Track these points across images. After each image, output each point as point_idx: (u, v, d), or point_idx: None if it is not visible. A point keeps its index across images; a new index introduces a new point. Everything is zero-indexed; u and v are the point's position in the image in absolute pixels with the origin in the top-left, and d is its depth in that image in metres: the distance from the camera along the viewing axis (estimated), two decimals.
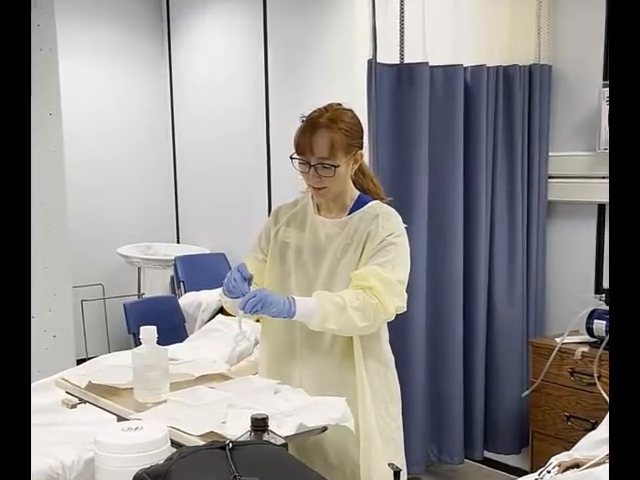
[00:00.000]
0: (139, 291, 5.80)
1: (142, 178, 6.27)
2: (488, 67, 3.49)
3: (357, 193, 2.26)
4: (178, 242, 6.43)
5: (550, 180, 3.75)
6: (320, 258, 2.23)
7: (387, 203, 2.28)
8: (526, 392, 3.50)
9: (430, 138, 3.36)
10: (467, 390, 3.63)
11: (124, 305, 4.26)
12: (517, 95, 3.57)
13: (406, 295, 2.17)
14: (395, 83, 3.29)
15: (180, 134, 6.29)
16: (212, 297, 5.12)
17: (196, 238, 6.19)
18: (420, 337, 3.43)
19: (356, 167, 2.20)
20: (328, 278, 2.20)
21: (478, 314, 3.60)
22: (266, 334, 2.36)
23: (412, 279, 3.29)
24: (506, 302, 3.67)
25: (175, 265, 5.51)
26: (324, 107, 2.18)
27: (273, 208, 2.39)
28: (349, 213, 2.23)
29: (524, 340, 3.71)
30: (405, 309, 2.18)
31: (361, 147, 2.21)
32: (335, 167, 2.11)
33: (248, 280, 2.07)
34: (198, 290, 5.28)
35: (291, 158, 2.16)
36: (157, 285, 5.71)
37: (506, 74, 3.57)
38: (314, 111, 2.18)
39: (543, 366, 3.36)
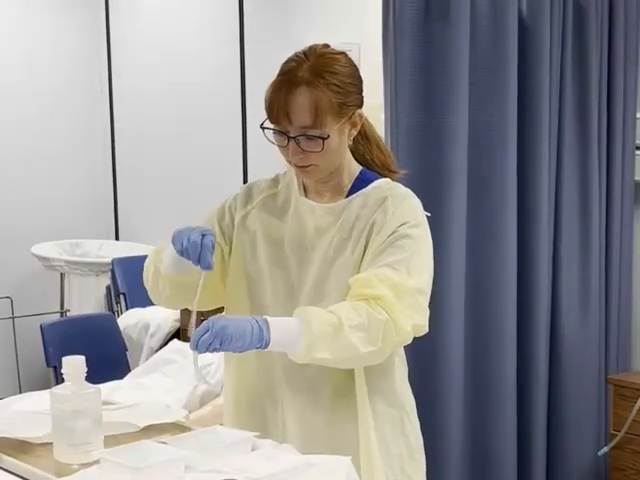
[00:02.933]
0: (62, 307, 5.79)
1: (66, 148, 6.26)
2: None
3: (358, 168, 2.25)
4: (117, 239, 6.42)
5: (638, 152, 3.76)
6: (306, 257, 2.22)
7: (400, 180, 2.27)
8: (604, 449, 3.50)
9: (471, 93, 3.36)
10: (522, 445, 3.63)
11: (41, 327, 4.25)
12: (592, 33, 3.57)
13: (428, 310, 2.17)
14: (422, 16, 3.28)
15: (119, 89, 6.28)
16: (164, 316, 5.12)
17: (142, 233, 6.19)
18: (456, 372, 3.43)
19: (355, 133, 2.20)
20: (316, 286, 2.19)
21: (537, 341, 3.60)
22: (230, 369, 2.35)
23: (445, 292, 3.35)
24: (577, 324, 3.67)
25: (113, 271, 5.51)
26: (303, 52, 2.15)
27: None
28: (347, 196, 2.22)
29: (601, 377, 3.71)
30: (427, 329, 2.17)
31: (360, 105, 2.19)
32: (323, 139, 2.10)
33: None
34: (144, 306, 5.26)
35: (262, 128, 2.15)
36: (87, 299, 5.70)
37: (577, 3, 3.56)
38: (290, 59, 2.16)
39: (628, 413, 3.36)
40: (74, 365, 2.16)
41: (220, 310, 2.38)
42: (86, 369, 2.16)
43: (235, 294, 2.28)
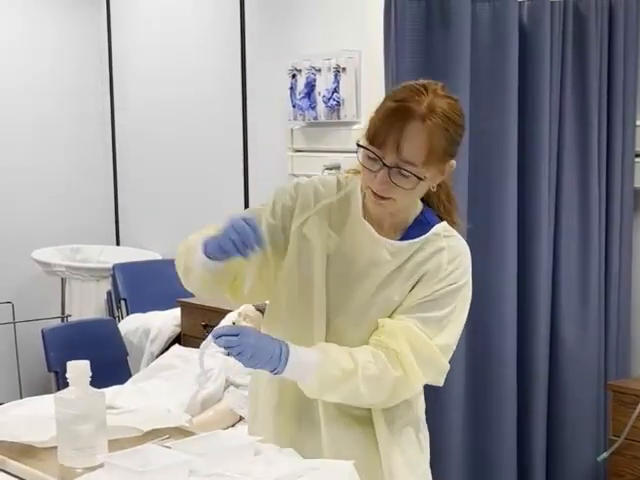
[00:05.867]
0: (63, 312, 5.78)
1: (67, 153, 6.26)
2: (552, 1, 3.51)
3: (420, 207, 2.21)
4: (118, 244, 6.41)
5: (638, 160, 3.76)
6: (356, 279, 2.18)
7: (458, 229, 2.26)
8: (604, 455, 3.50)
9: (472, 100, 3.37)
10: (522, 450, 3.64)
11: (42, 332, 4.26)
12: (592, 40, 3.58)
13: (448, 367, 2.19)
14: (423, 23, 3.30)
15: (121, 96, 6.28)
16: (165, 321, 5.12)
17: (143, 239, 6.19)
18: (456, 376, 3.42)
19: (439, 181, 2.14)
20: (362, 309, 2.17)
21: (537, 346, 3.61)
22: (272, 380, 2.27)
23: None
24: (576, 330, 3.67)
25: (113, 276, 5.50)
26: (421, 85, 2.04)
27: (252, 197, 2.35)
28: (405, 235, 2.18)
29: (601, 383, 3.72)
30: (441, 384, 2.21)
31: (455, 155, 2.13)
32: (420, 179, 2.05)
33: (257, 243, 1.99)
34: (145, 311, 5.27)
35: (359, 146, 2.06)
36: (88, 304, 5.70)
37: (577, 10, 3.58)
38: (404, 87, 2.06)
39: (628, 419, 3.36)
40: (79, 369, 2.17)
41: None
42: (90, 374, 2.18)
43: (286, 298, 2.23)
